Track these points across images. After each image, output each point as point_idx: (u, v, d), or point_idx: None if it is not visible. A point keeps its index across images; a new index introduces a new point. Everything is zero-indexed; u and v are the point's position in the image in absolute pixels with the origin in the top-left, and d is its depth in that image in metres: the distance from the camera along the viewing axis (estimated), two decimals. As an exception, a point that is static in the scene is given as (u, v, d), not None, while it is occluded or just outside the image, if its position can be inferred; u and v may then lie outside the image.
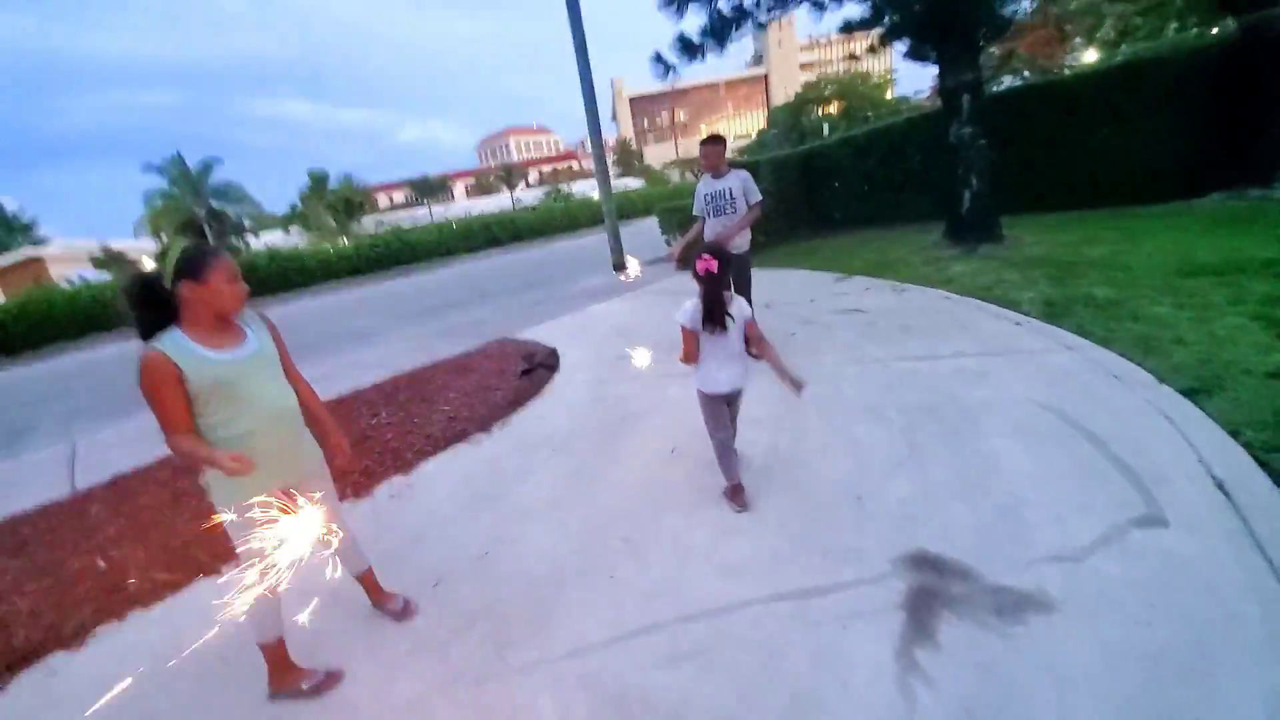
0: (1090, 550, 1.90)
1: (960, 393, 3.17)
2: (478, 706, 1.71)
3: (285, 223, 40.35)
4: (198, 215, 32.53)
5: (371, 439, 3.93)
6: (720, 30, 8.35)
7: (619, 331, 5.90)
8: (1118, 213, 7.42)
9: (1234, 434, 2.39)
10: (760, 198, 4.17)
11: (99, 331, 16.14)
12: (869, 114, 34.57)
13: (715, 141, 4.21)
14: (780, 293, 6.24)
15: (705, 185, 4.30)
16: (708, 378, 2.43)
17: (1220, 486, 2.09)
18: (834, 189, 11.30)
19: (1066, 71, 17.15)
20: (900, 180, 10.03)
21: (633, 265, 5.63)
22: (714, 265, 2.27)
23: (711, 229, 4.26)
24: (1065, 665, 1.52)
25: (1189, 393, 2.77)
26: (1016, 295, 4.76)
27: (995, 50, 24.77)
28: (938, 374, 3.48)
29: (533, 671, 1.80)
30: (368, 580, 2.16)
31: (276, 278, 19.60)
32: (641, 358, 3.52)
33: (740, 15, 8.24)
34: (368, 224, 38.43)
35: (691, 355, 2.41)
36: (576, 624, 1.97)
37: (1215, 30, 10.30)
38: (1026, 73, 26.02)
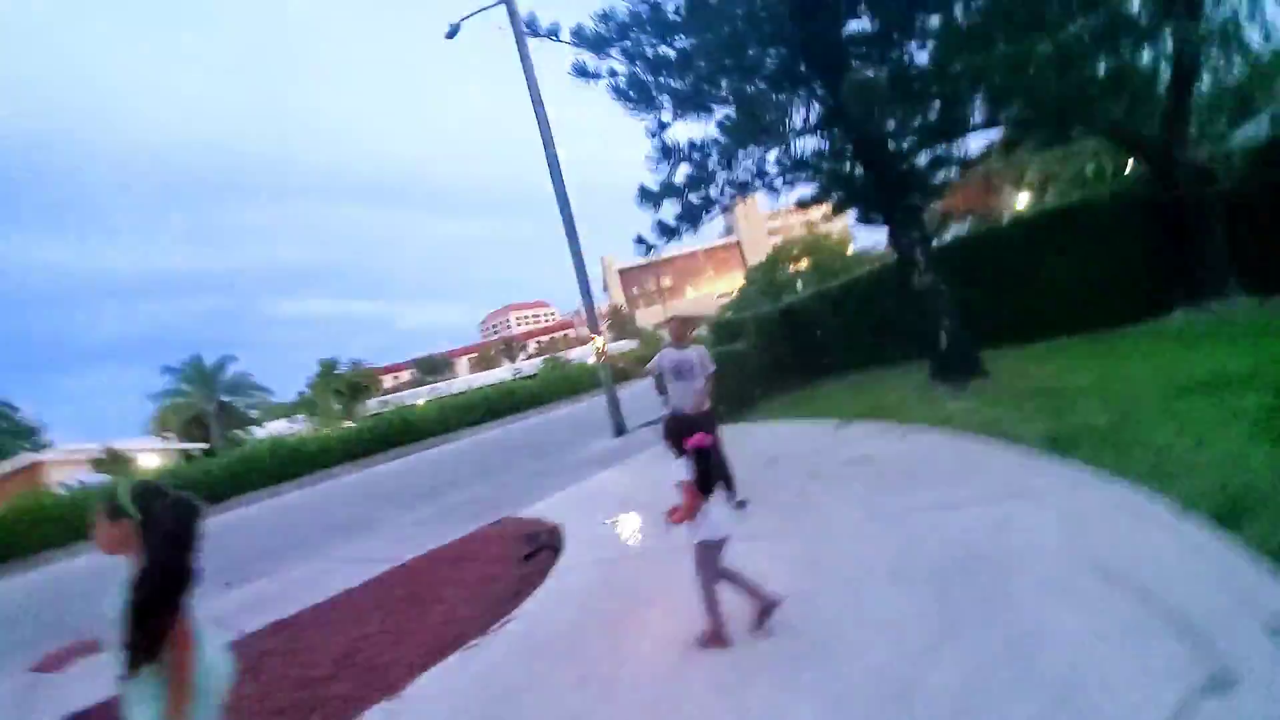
0: (1181, 739, 1.63)
1: (985, 546, 2.99)
2: None
3: (291, 410, 41.39)
4: (205, 411, 33.48)
5: (354, 656, 3.57)
6: (692, 216, 9.47)
7: (624, 502, 5.72)
8: (1092, 338, 7.72)
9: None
10: (714, 368, 4.83)
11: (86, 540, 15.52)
12: (836, 266, 37.80)
13: (682, 320, 5.10)
14: (784, 446, 6.21)
15: (670, 354, 4.85)
16: (715, 524, 2.64)
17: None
18: (817, 338, 11.90)
19: (1006, 217, 19.10)
20: (877, 326, 10.61)
21: (599, 340, 6.10)
22: (707, 440, 2.57)
23: (675, 391, 4.79)
24: None
25: (1217, 523, 2.63)
26: (1018, 430, 4.73)
27: (937, 206, 27.95)
28: (958, 525, 3.31)
29: None
30: None
31: (279, 468, 19.57)
32: (649, 530, 3.37)
33: (707, 203, 9.42)
34: (373, 405, 39.46)
35: (695, 510, 2.60)
36: None
37: (1129, 167, 11.71)
38: (970, 219, 29.07)
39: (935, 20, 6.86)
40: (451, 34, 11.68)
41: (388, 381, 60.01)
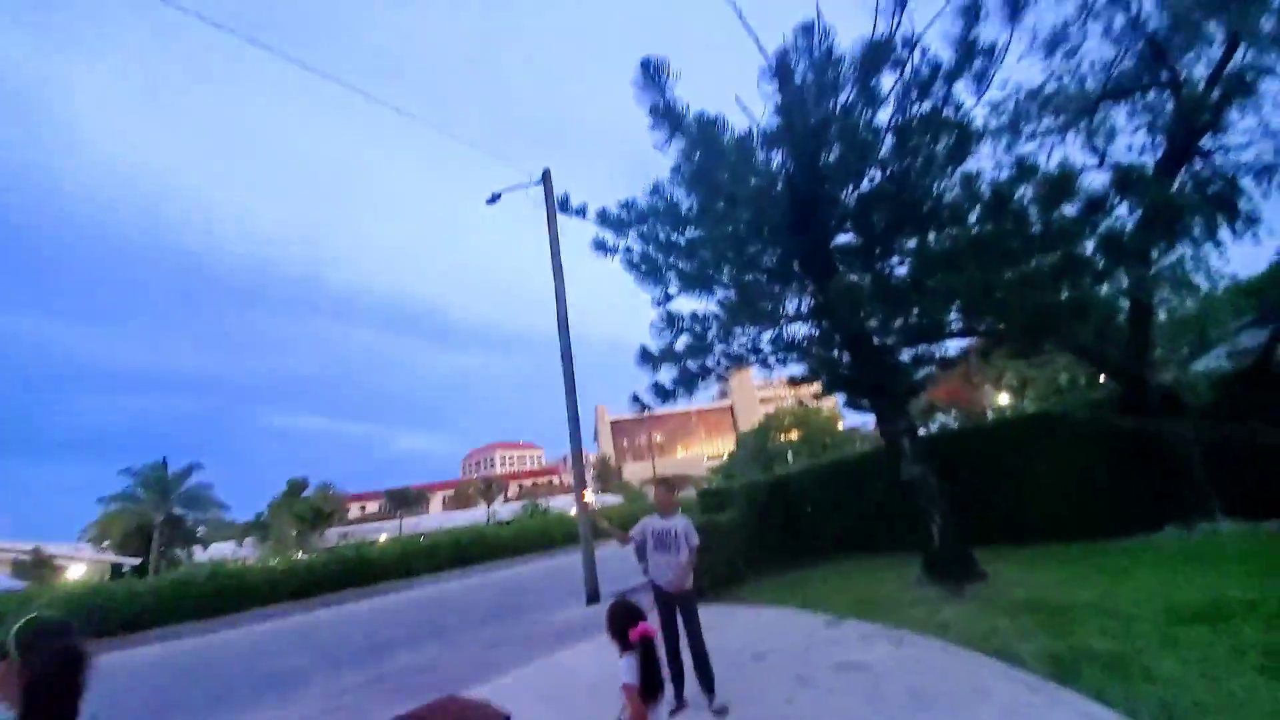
0: None
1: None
2: None
3: (241, 533, 38.47)
4: (152, 522, 31.17)
5: None
6: (688, 381, 9.84)
7: (592, 691, 5.10)
8: (1085, 548, 7.55)
9: None
10: (699, 541, 4.56)
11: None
12: (826, 440, 38.22)
13: (668, 485, 4.84)
14: (770, 639, 5.73)
15: (654, 521, 4.63)
16: None
17: None
18: (806, 514, 11.60)
19: (989, 414, 19.80)
20: (866, 509, 10.42)
21: (588, 496, 5.48)
22: (652, 630, 2.36)
23: (655, 562, 4.53)
24: None
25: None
26: (1017, 647, 4.45)
27: (921, 397, 29.18)
28: (963, 765, 2.95)
29: None
30: None
31: (214, 597, 17.63)
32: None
33: (704, 371, 9.86)
34: (332, 536, 36.91)
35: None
36: None
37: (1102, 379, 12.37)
38: (954, 411, 30.07)
39: (913, 242, 7.86)
40: (492, 201, 13.20)
41: (354, 510, 56.88)
